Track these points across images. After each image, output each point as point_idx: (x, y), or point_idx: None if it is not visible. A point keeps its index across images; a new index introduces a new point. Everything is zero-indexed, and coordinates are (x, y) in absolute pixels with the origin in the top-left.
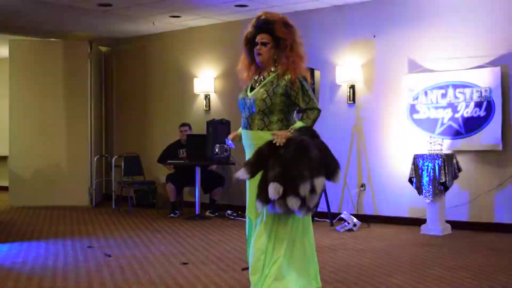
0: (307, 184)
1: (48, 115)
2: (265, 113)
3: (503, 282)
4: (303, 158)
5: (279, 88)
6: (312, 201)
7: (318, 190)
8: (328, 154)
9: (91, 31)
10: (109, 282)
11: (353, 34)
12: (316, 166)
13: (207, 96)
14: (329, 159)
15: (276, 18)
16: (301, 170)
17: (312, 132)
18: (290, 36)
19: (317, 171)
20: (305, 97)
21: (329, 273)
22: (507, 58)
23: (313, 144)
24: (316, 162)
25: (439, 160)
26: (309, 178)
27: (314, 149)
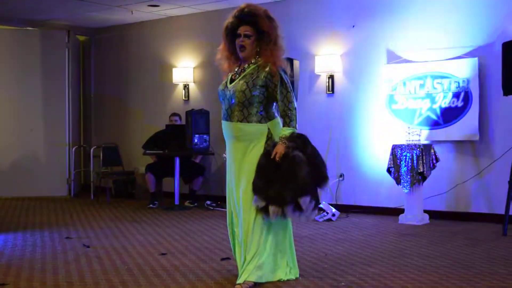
0: (290, 206)
1: (25, 105)
2: (244, 105)
3: (479, 270)
4: (290, 177)
5: (258, 80)
6: (308, 211)
7: (303, 207)
8: (318, 164)
9: (68, 20)
10: (87, 273)
11: (332, 24)
12: (302, 186)
13: (186, 86)
14: (318, 170)
15: (260, 11)
16: (285, 193)
17: (304, 140)
18: (273, 29)
19: (303, 191)
20: (283, 89)
21: (307, 263)
22: (485, 49)
23: (304, 161)
24: (303, 182)
25: (417, 150)
26: (293, 201)
27: (304, 167)
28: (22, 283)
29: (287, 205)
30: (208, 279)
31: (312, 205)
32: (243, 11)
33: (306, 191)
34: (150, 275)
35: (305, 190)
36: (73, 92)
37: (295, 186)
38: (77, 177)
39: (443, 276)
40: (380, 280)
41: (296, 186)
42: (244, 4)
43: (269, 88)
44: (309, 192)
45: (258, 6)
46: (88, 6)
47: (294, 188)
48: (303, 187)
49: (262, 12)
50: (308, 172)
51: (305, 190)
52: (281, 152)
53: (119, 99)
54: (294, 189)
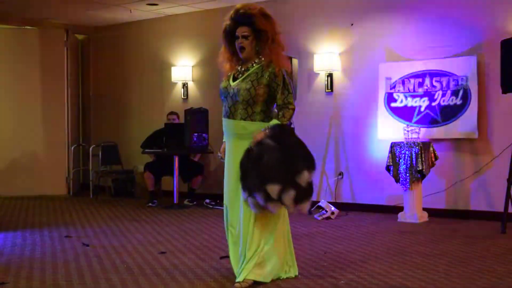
0: (259, 194)
1: (24, 104)
2: (249, 103)
3: (478, 267)
4: (257, 165)
5: (263, 79)
6: (286, 200)
7: (274, 196)
8: (294, 154)
9: (67, 18)
10: (86, 272)
11: (331, 22)
12: (266, 172)
13: (185, 84)
14: (293, 160)
15: (255, 11)
16: (254, 180)
17: (286, 130)
18: (270, 27)
19: (267, 178)
20: (285, 90)
21: (306, 261)
22: (484, 47)
23: (273, 147)
24: (266, 168)
25: (416, 148)
26: (262, 188)
27: (272, 154)
28: (21, 282)
29: (255, 192)
30: (208, 278)
31: (291, 195)
32: (238, 12)
33: (271, 179)
34: (150, 274)
35: (271, 178)
36: (72, 91)
37: (259, 173)
38: (76, 176)
39: (442, 273)
40: (379, 278)
41: (260, 173)
42: (240, 4)
43: (272, 88)
44: (276, 180)
45: (253, 5)
46: (87, 5)
47: (259, 175)
48: (266, 174)
49: (257, 11)
50: (278, 160)
51: (271, 178)
52: (256, 138)
53: (118, 97)
54: (259, 176)
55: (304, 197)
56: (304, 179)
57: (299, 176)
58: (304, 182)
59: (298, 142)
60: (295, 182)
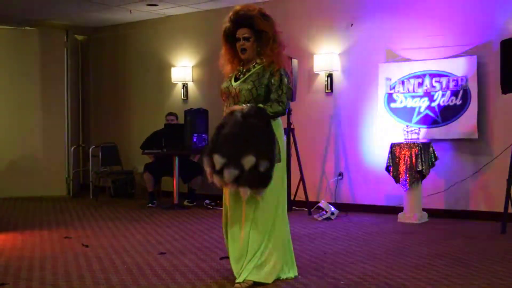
0: (207, 159)
1: (24, 104)
2: (250, 103)
3: (478, 268)
4: (215, 134)
5: (264, 79)
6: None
7: (217, 166)
8: (251, 137)
9: (67, 19)
10: (86, 272)
11: (331, 23)
12: (218, 143)
13: (185, 85)
14: (247, 142)
15: (255, 12)
16: (208, 146)
17: (262, 113)
18: (270, 27)
19: (216, 148)
20: (279, 90)
21: (306, 262)
22: (483, 48)
23: (238, 122)
24: (221, 139)
25: (416, 149)
26: (207, 155)
27: (231, 127)
28: (21, 283)
29: (204, 156)
30: (208, 279)
31: (232, 173)
32: (238, 14)
33: (218, 149)
34: (149, 274)
35: (219, 148)
36: (72, 91)
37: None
38: (76, 177)
39: (442, 274)
40: (379, 279)
41: (214, 141)
42: (239, 6)
43: (269, 87)
44: (221, 152)
45: (252, 6)
46: (86, 6)
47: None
48: (218, 144)
49: (257, 12)
50: (234, 135)
51: (219, 148)
52: (232, 108)
53: (118, 98)
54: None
55: (247, 182)
56: (248, 163)
57: (244, 158)
58: (247, 166)
59: (264, 129)
60: (239, 163)
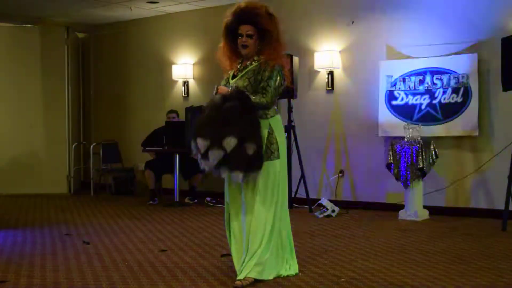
0: (193, 143)
1: (25, 102)
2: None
3: (478, 265)
4: (199, 117)
5: (259, 76)
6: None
7: (201, 150)
8: (230, 119)
9: (68, 17)
10: (87, 269)
11: (332, 20)
12: (198, 126)
13: (186, 82)
14: (226, 123)
15: (261, 11)
16: (192, 129)
17: (243, 97)
18: (275, 27)
19: (198, 132)
20: (265, 83)
21: (307, 259)
22: (484, 45)
23: (215, 105)
24: (200, 122)
25: (417, 146)
26: (193, 138)
27: (209, 110)
28: (22, 280)
29: (191, 141)
30: (209, 276)
31: (216, 155)
32: (243, 10)
33: (200, 133)
34: (150, 271)
35: (200, 131)
36: (73, 89)
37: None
38: (77, 174)
39: (443, 271)
40: (379, 276)
41: (197, 125)
42: (244, 2)
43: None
44: (202, 135)
45: (258, 4)
46: (87, 3)
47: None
48: (198, 127)
49: (263, 11)
50: (208, 116)
51: (200, 131)
52: (219, 88)
53: (118, 96)
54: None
55: (236, 165)
56: (229, 144)
57: (224, 140)
58: (228, 148)
59: (243, 110)
60: (221, 145)
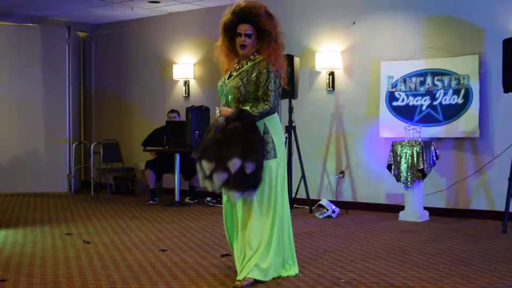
0: (197, 164)
1: (26, 101)
2: (240, 101)
3: (479, 267)
4: (203, 139)
5: (253, 77)
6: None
7: (206, 172)
8: (233, 139)
9: (69, 16)
10: (87, 269)
11: (333, 21)
12: (203, 149)
13: (187, 82)
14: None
15: (261, 11)
16: (197, 151)
17: (244, 116)
18: (274, 27)
19: (203, 154)
20: (266, 89)
21: (307, 259)
22: (485, 46)
23: (219, 127)
24: (204, 144)
25: (418, 147)
26: (198, 160)
27: (213, 132)
28: (22, 279)
29: (196, 163)
30: (208, 276)
31: (221, 177)
32: (243, 10)
33: (205, 155)
34: (150, 271)
35: (205, 154)
36: (74, 88)
37: (202, 146)
38: (77, 173)
39: (443, 273)
40: (379, 277)
41: (202, 147)
42: (243, 1)
43: (258, 82)
44: (208, 157)
45: (257, 3)
46: (88, 2)
47: (201, 148)
48: (204, 149)
49: (263, 10)
50: (212, 138)
51: (205, 154)
52: (221, 110)
53: (119, 95)
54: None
55: (235, 185)
56: (233, 166)
57: (229, 161)
58: (233, 169)
59: (246, 129)
60: (226, 167)
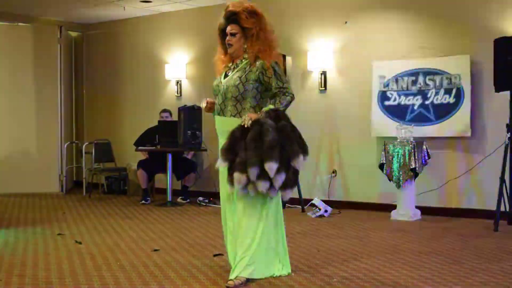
0: (254, 168)
1: (17, 101)
2: (237, 99)
3: (470, 265)
4: (256, 142)
5: (251, 74)
6: (276, 181)
7: (271, 174)
8: (290, 137)
9: (60, 15)
10: (79, 269)
11: (325, 20)
12: (267, 151)
13: (179, 82)
14: (289, 142)
15: (240, 9)
16: (250, 155)
17: (280, 114)
18: (255, 24)
19: (267, 155)
20: (279, 82)
21: (299, 259)
22: (477, 46)
23: (273, 128)
24: (268, 146)
25: (409, 147)
26: (257, 164)
27: (272, 133)
28: (14, 280)
29: (251, 167)
30: (201, 275)
31: (282, 177)
32: (228, 11)
33: (271, 156)
34: (143, 271)
35: (270, 155)
36: (65, 88)
37: (260, 150)
38: (69, 173)
39: (435, 272)
40: (372, 276)
41: (261, 151)
42: (229, 2)
43: (264, 83)
44: (274, 158)
45: (240, 3)
46: (80, 2)
47: (259, 152)
48: (267, 151)
49: (242, 8)
50: (275, 139)
51: (270, 155)
52: (251, 117)
53: (111, 95)
54: (259, 154)
55: (290, 184)
56: (299, 163)
57: (295, 159)
58: (298, 166)
59: (291, 127)
60: (289, 165)
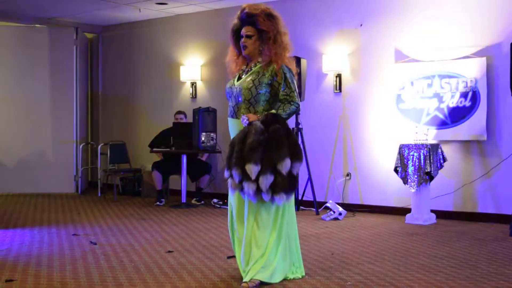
0: (235, 170)
1: (33, 102)
2: (250, 102)
3: (485, 270)
4: (241, 144)
5: (264, 78)
6: (262, 183)
7: (252, 176)
8: (279, 141)
9: (76, 17)
10: (94, 270)
11: (340, 23)
12: (247, 152)
13: (194, 84)
14: (278, 146)
15: (258, 11)
16: (234, 157)
17: (277, 118)
18: (273, 27)
19: (247, 157)
20: (286, 88)
21: (313, 262)
22: (493, 49)
23: (259, 130)
24: (248, 148)
25: (425, 150)
26: (240, 165)
27: (255, 135)
28: (29, 280)
29: (233, 169)
30: (215, 277)
31: (269, 180)
32: (244, 12)
33: (250, 158)
34: (157, 272)
35: (249, 157)
36: (81, 89)
37: (242, 152)
38: (84, 174)
39: (450, 276)
40: (386, 280)
41: (242, 152)
42: (246, 4)
43: (274, 87)
44: (253, 160)
45: (257, 5)
46: (96, 4)
47: (241, 154)
48: (247, 153)
49: (261, 11)
50: (256, 141)
51: (249, 157)
52: (248, 117)
53: (126, 96)
54: (241, 155)
55: (283, 188)
56: (285, 167)
57: (280, 163)
58: (284, 170)
59: (286, 131)
60: (276, 169)
